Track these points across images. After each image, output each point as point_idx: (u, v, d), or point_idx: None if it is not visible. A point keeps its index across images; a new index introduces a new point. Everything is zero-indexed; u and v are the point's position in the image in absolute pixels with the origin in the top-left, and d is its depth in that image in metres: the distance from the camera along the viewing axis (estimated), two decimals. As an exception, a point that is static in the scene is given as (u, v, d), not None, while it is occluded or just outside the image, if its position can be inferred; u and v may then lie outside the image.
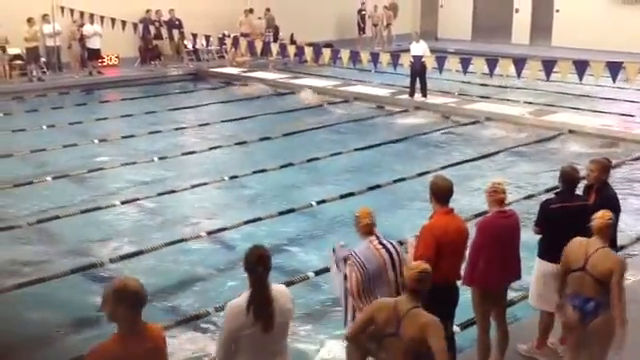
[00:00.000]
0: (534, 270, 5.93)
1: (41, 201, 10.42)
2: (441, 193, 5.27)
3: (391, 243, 5.06)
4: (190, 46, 22.69)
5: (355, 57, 17.11)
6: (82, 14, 19.86)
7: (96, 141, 13.88)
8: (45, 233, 9.29)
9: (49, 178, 11.40)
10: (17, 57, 19.66)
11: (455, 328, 5.94)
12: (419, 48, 16.71)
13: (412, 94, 17.22)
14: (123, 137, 14.15)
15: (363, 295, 4.90)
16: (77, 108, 17.28)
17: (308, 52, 17.65)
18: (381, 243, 5.01)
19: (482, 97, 17.80)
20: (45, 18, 19.48)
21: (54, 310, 7.24)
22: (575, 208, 5.72)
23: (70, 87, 19.30)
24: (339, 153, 13.03)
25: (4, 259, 8.49)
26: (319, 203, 10.18)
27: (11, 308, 7.25)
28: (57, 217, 9.62)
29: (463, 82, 18.07)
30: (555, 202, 5.87)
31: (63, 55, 20.54)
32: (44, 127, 14.92)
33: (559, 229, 5.67)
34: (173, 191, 10.81)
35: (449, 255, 5.19)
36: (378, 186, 10.98)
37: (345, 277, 5.00)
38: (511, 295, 6.54)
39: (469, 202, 9.88)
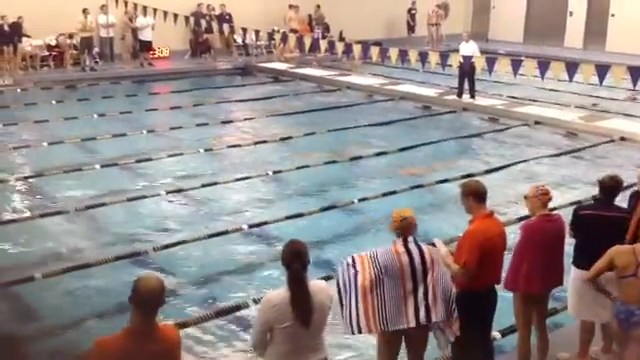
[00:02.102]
0: (570, 278, 5.82)
1: (89, 188, 10.65)
2: (479, 195, 5.20)
3: (419, 247, 4.92)
4: (240, 40, 22.88)
5: (404, 56, 17.01)
6: (135, 6, 20.20)
7: (145, 131, 14.11)
8: (92, 219, 9.49)
9: (98, 166, 11.64)
10: (72, 46, 20.13)
11: (495, 334, 5.88)
12: (469, 48, 16.54)
13: (460, 95, 17.06)
14: (171, 128, 14.35)
15: (371, 294, 4.83)
16: (127, 98, 17.59)
17: (356, 50, 17.63)
18: (406, 247, 4.88)
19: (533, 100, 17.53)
20: (103, 9, 19.88)
21: (97, 295, 7.38)
22: (608, 218, 5.58)
23: (121, 78, 19.65)
24: (384, 152, 12.99)
25: (51, 243, 8.71)
26: (361, 200, 10.16)
27: (57, 292, 7.42)
28: (104, 204, 9.82)
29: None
30: (587, 209, 5.79)
31: (116, 46, 20.94)
32: (95, 116, 15.23)
33: (589, 237, 5.57)
34: (217, 183, 10.92)
35: (491, 259, 5.13)
36: (421, 186, 10.91)
37: (357, 273, 4.86)
38: (554, 303, 6.45)
39: (513, 206, 9.77)
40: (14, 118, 14.90)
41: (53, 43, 19.88)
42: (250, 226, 9.16)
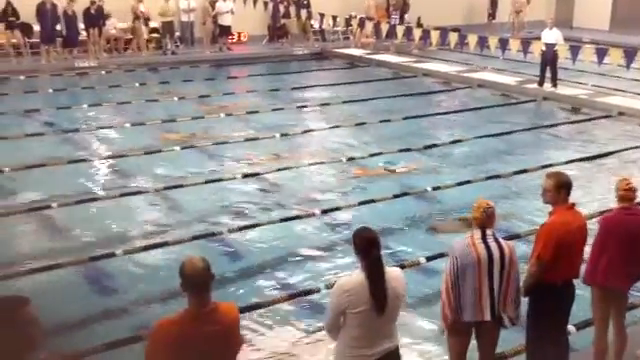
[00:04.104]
0: None
1: (168, 169, 10.94)
2: (568, 187, 5.08)
3: (498, 241, 4.83)
4: (317, 26, 22.91)
5: (483, 42, 16.66)
6: (216, -9, 20.50)
7: (222, 115, 14.36)
8: (170, 200, 9.76)
9: (177, 147, 11.93)
10: (154, 30, 20.65)
11: (570, 328, 5.74)
12: (552, 36, 16.07)
13: (541, 83, 16.61)
14: (248, 112, 14.55)
15: (451, 287, 4.81)
16: (206, 82, 17.93)
17: (434, 36, 17.39)
18: (484, 239, 4.79)
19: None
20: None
21: (174, 273, 7.57)
22: None
23: (200, 62, 20.02)
24: (459, 140, 12.81)
25: (132, 221, 9.02)
26: (434, 189, 10.07)
27: (136, 268, 7.68)
28: (182, 185, 10.08)
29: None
30: None
31: (196, 30, 21.33)
32: (175, 98, 15.60)
33: None
34: (291, 168, 11.03)
35: (569, 253, 5.02)
36: (497, 176, 10.72)
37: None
38: (634, 297, 6.25)
39: (591, 199, 9.49)
40: (98, 99, 15.43)
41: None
42: (323, 211, 9.22)
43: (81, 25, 18.86)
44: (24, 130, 12.85)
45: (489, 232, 4.84)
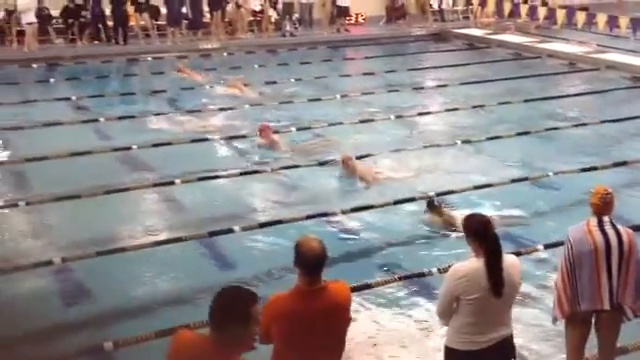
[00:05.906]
0: None
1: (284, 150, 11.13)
2: None
3: (616, 229, 4.64)
4: (435, 6, 22.53)
5: (613, 22, 15.79)
6: (335, -28, 20.59)
7: (338, 97, 14.43)
8: (285, 179, 9.94)
9: (293, 129, 12.11)
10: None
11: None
12: (690, 14, 15.00)
13: (676, 65, 15.57)
14: (363, 94, 14.55)
15: (567, 276, 4.65)
16: (323, 64, 18.07)
17: (560, 15, 16.66)
18: (600, 226, 4.62)
19: None
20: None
21: (288, 250, 7.73)
22: None
23: (318, 43, 20.21)
24: (584, 124, 12.26)
25: (250, 199, 9.29)
26: (556, 174, 9.70)
27: (252, 245, 7.88)
28: (297, 166, 10.26)
29: None
30: None
31: (315, 12, 21.52)
32: (292, 80, 15.83)
33: None
34: (405, 149, 10.94)
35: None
36: (625, 163, 10.18)
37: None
38: None
39: None
40: (220, 80, 15.88)
41: (258, 9, 20.88)
42: (437, 194, 9.10)
43: (205, 8, 19.51)
44: (151, 109, 13.49)
45: (606, 219, 4.67)
